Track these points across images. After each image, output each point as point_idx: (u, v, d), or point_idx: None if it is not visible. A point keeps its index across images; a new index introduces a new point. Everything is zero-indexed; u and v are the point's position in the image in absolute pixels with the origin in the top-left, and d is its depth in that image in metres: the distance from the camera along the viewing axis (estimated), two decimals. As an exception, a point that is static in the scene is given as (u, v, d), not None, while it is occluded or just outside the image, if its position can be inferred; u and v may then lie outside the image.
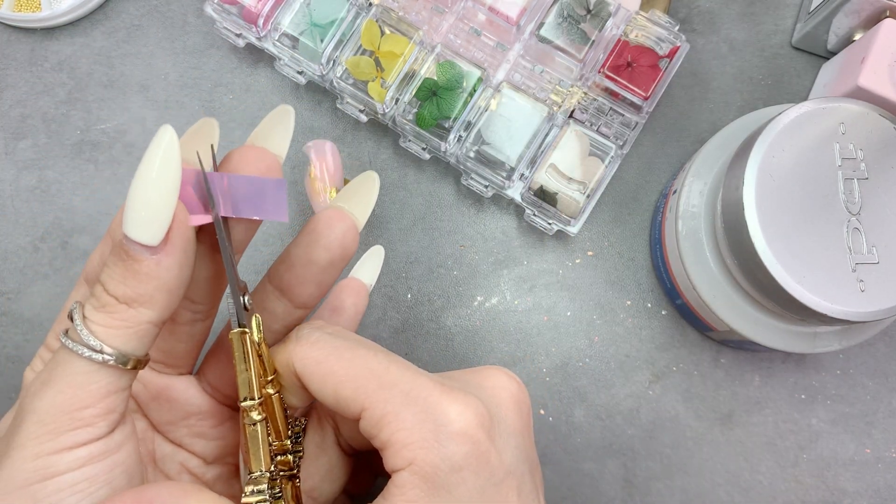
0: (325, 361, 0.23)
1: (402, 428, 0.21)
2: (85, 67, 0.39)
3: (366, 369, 0.22)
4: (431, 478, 0.21)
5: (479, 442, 0.21)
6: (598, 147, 0.36)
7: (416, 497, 0.21)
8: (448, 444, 0.21)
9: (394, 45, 0.36)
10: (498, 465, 0.22)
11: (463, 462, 0.21)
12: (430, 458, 0.21)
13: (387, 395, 0.22)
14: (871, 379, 0.37)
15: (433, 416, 0.21)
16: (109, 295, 0.21)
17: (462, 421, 0.21)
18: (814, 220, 0.28)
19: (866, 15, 0.34)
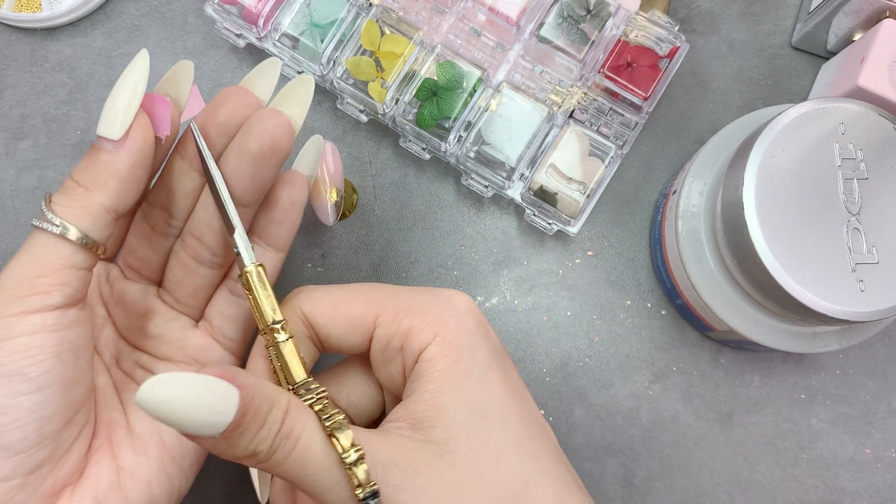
0: (330, 294, 0.26)
1: (419, 313, 0.25)
2: (85, 67, 0.39)
3: (367, 288, 0.26)
4: (455, 344, 0.24)
5: (480, 316, 0.26)
6: (598, 147, 0.36)
7: (447, 364, 0.24)
8: (460, 315, 0.25)
9: (394, 46, 0.36)
10: (495, 340, 0.26)
11: (475, 328, 0.25)
12: (450, 327, 0.25)
13: (395, 297, 0.26)
14: (870, 379, 0.37)
15: (441, 299, 0.25)
16: (72, 180, 0.25)
17: (463, 300, 0.26)
18: (813, 221, 0.28)
19: (866, 15, 0.34)
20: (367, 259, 0.38)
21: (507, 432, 0.24)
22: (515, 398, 0.25)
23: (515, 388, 0.25)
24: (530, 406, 0.26)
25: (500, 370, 0.25)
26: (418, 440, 0.23)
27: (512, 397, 0.25)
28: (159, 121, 0.26)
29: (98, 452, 0.26)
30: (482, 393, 0.24)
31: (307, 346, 0.27)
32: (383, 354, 0.25)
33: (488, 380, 0.24)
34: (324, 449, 0.22)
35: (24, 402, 0.23)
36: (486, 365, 0.24)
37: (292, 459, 0.22)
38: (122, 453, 0.26)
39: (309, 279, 0.37)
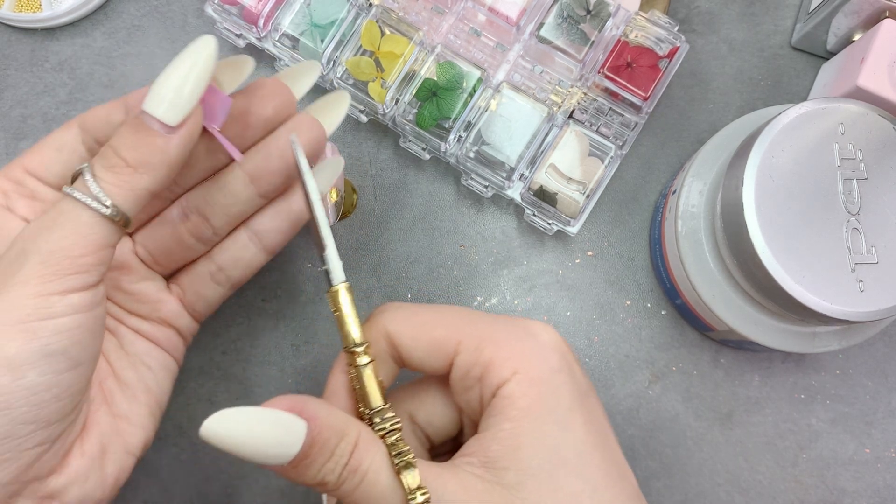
0: (416, 315, 0.26)
1: (502, 345, 0.24)
2: (85, 68, 0.39)
3: (452, 312, 0.26)
4: (537, 382, 0.23)
5: (566, 353, 0.25)
6: (598, 147, 0.36)
7: (526, 403, 0.23)
8: (544, 351, 0.24)
9: (394, 46, 0.36)
10: (581, 378, 0.25)
11: (559, 366, 0.24)
12: (533, 364, 0.24)
13: (479, 325, 0.25)
14: (870, 379, 0.37)
15: (525, 333, 0.24)
16: (119, 157, 0.24)
17: (549, 335, 0.25)
18: (813, 221, 0.28)
19: (866, 15, 0.34)
20: (367, 259, 0.38)
21: (584, 480, 0.23)
22: (597, 442, 0.24)
23: (598, 431, 0.24)
24: (612, 450, 0.24)
25: (583, 411, 0.24)
26: (489, 481, 0.23)
27: (593, 441, 0.23)
28: (216, 113, 0.26)
29: (95, 402, 0.27)
30: (561, 437, 0.23)
31: (388, 363, 0.26)
32: (463, 381, 0.25)
33: (569, 422, 0.23)
34: (391, 485, 0.23)
35: (64, 379, 0.23)
36: (567, 406, 0.23)
37: (360, 492, 0.23)
38: (116, 401, 0.27)
39: (309, 279, 0.37)
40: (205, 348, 0.37)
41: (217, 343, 0.37)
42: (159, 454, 0.36)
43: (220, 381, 0.37)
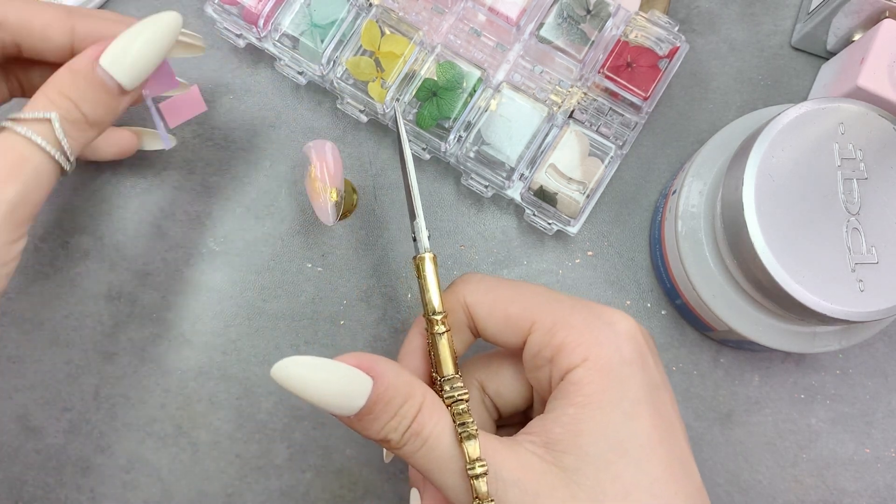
0: (495, 289, 0.26)
1: (575, 330, 0.24)
2: (85, 68, 0.39)
3: (531, 291, 0.26)
4: (606, 371, 0.23)
5: (640, 344, 0.24)
6: (598, 147, 0.36)
7: (592, 391, 0.23)
8: (618, 340, 0.24)
9: (394, 46, 0.36)
10: (654, 370, 0.24)
11: (631, 357, 0.23)
12: (604, 352, 0.23)
13: (555, 306, 0.25)
14: (870, 379, 0.37)
15: (601, 320, 0.24)
16: (81, 114, 0.25)
17: (626, 324, 0.24)
18: (813, 220, 0.28)
19: (866, 15, 0.34)
20: (367, 259, 0.38)
21: (643, 472, 0.23)
22: (663, 436, 0.23)
23: (665, 425, 0.24)
24: (678, 446, 0.24)
25: (651, 405, 0.23)
26: (548, 462, 0.23)
27: (659, 435, 0.23)
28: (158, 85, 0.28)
29: None
30: (624, 427, 0.23)
31: (465, 332, 0.27)
32: (534, 360, 0.25)
33: (635, 414, 0.23)
34: (452, 453, 0.23)
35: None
36: (635, 398, 0.23)
37: (421, 455, 0.23)
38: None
39: (308, 279, 0.37)
40: (205, 348, 0.37)
41: (217, 343, 0.37)
42: (159, 454, 0.36)
43: (220, 381, 0.37)
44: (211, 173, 0.38)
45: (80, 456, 0.36)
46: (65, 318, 0.37)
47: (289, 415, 0.37)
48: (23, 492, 0.36)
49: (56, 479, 0.36)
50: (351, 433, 0.37)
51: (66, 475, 0.36)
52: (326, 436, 0.37)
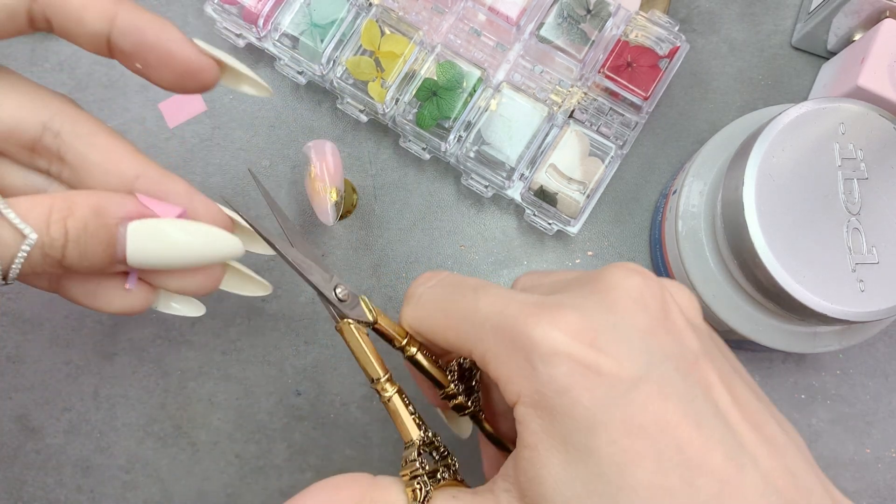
0: (429, 317, 0.24)
1: (501, 363, 0.21)
2: (85, 67, 0.39)
3: (459, 314, 0.22)
4: (541, 405, 0.20)
5: (580, 356, 0.19)
6: (598, 147, 0.36)
7: (538, 428, 0.20)
8: (543, 367, 0.19)
9: (394, 46, 0.36)
10: (618, 373, 0.19)
11: (567, 382, 0.19)
12: (532, 386, 0.20)
13: (480, 333, 0.21)
14: (870, 379, 0.37)
15: (522, 344, 0.20)
16: (63, 254, 0.22)
17: (550, 340, 0.20)
18: (814, 220, 0.28)
19: (866, 15, 0.34)
20: (367, 259, 0.38)
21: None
22: (633, 459, 0.18)
23: (632, 446, 0.19)
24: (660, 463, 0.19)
25: (609, 426, 0.19)
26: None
27: (629, 459, 0.18)
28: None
29: None
30: (584, 463, 0.19)
31: (435, 346, 0.25)
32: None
33: (590, 446, 0.19)
34: None
35: None
36: (587, 427, 0.19)
37: None
38: None
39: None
40: (204, 348, 0.37)
41: (217, 343, 0.37)
42: (159, 454, 0.36)
43: (220, 382, 0.37)
44: (211, 173, 0.38)
45: (79, 456, 0.36)
46: (65, 318, 0.37)
47: (289, 415, 0.37)
48: (22, 492, 0.36)
49: (56, 479, 0.36)
50: (351, 434, 0.37)
51: (65, 475, 0.36)
52: (326, 436, 0.37)
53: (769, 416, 0.20)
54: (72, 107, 0.25)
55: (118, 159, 0.24)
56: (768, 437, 0.19)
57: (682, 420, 0.18)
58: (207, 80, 0.25)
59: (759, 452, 0.19)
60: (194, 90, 0.25)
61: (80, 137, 0.24)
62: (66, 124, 0.24)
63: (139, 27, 0.24)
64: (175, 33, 0.24)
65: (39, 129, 0.24)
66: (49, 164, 0.25)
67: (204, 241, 0.24)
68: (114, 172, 0.24)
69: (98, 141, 0.24)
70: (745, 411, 0.20)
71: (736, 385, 0.20)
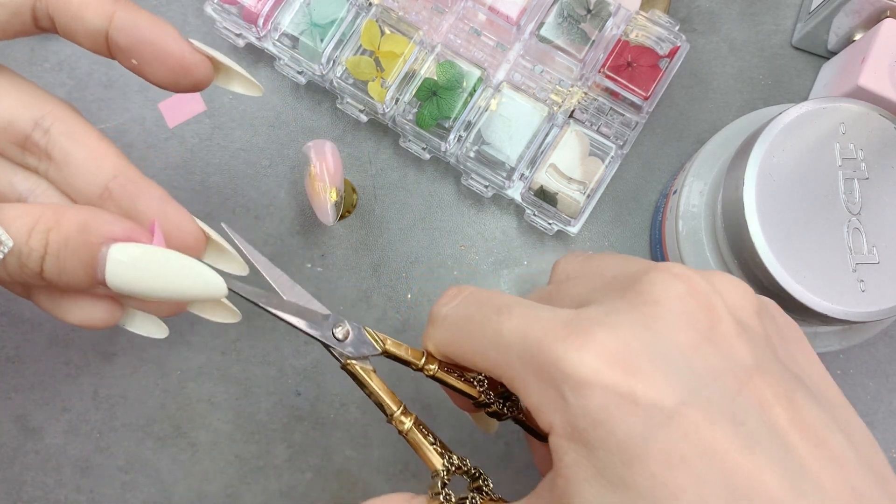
0: (454, 341, 0.23)
1: (531, 392, 0.19)
2: (84, 67, 0.39)
3: (484, 340, 0.21)
4: (576, 438, 0.18)
5: (614, 384, 0.18)
6: (599, 147, 0.36)
7: (572, 461, 0.18)
8: (574, 399, 0.18)
9: (394, 45, 0.36)
10: (656, 401, 0.18)
11: (601, 414, 0.18)
12: (564, 417, 0.18)
13: (507, 360, 0.20)
14: (871, 379, 0.37)
15: (551, 373, 0.19)
16: (41, 266, 0.22)
17: (581, 368, 0.18)
18: (814, 220, 0.28)
19: (866, 15, 0.34)
20: (367, 259, 0.38)
21: None
22: (674, 493, 0.17)
23: (674, 479, 0.17)
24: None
25: (648, 458, 0.17)
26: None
27: (669, 493, 0.17)
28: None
29: None
30: (620, 499, 0.18)
31: None
32: None
33: (627, 480, 0.18)
34: None
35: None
36: (624, 460, 0.18)
37: None
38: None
39: (308, 279, 0.37)
40: (204, 348, 0.37)
41: (216, 343, 0.37)
42: (159, 454, 0.36)
43: (220, 382, 0.37)
44: (211, 173, 0.38)
45: (79, 456, 0.36)
46: (64, 318, 0.37)
47: (288, 415, 0.37)
48: (22, 492, 0.36)
49: (55, 479, 0.36)
50: (351, 433, 0.37)
51: (65, 475, 0.36)
52: (326, 436, 0.36)
53: (834, 428, 0.18)
54: (66, 108, 0.25)
55: (101, 157, 0.25)
56: (834, 455, 0.18)
57: (730, 446, 0.17)
58: (201, 77, 0.25)
59: (822, 474, 0.17)
60: (188, 88, 0.25)
61: (67, 135, 0.25)
62: (57, 122, 0.25)
63: (136, 24, 0.24)
64: (170, 30, 0.24)
65: (31, 125, 0.24)
66: (38, 162, 0.25)
67: (187, 277, 0.23)
68: (93, 170, 0.25)
69: (84, 140, 0.25)
70: (806, 427, 0.18)
71: (796, 395, 0.18)
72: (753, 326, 0.20)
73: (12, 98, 0.24)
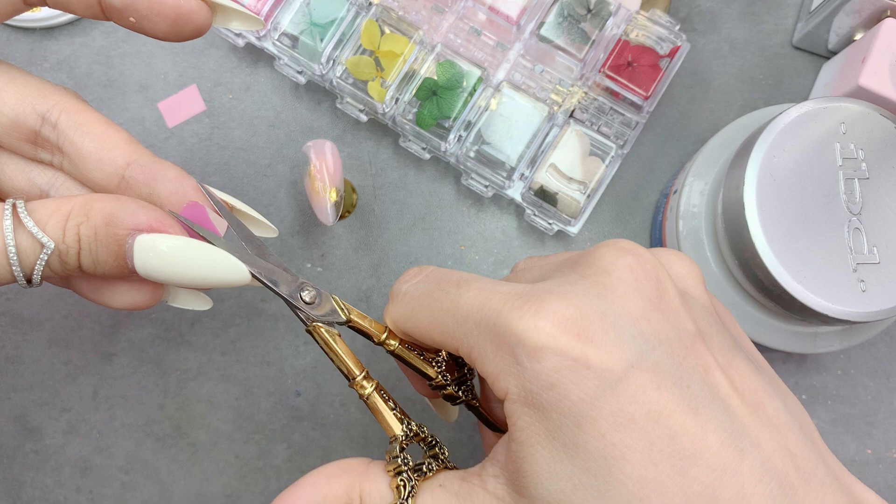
0: (413, 315, 0.23)
1: (488, 360, 0.20)
2: (84, 67, 0.39)
3: (442, 311, 0.22)
4: (530, 402, 0.19)
5: (567, 349, 0.19)
6: (599, 147, 0.36)
7: (526, 424, 0.19)
8: (529, 363, 0.19)
9: (394, 45, 0.36)
10: (606, 364, 0.18)
11: (553, 377, 0.18)
12: (519, 382, 0.19)
13: (464, 329, 0.21)
14: (871, 379, 0.37)
15: (507, 339, 0.19)
16: (79, 262, 0.22)
17: (535, 334, 0.19)
18: (815, 220, 0.28)
19: (867, 14, 0.34)
20: (367, 259, 0.38)
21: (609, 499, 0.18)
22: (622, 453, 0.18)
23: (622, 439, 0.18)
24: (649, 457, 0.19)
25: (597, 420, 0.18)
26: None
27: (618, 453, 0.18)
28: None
29: None
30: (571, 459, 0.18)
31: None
32: None
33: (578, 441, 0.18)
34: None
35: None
36: (575, 422, 0.18)
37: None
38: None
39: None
40: (204, 348, 0.37)
41: (216, 343, 0.37)
42: (159, 454, 0.36)
43: (220, 382, 0.37)
44: (210, 173, 0.38)
45: (78, 456, 0.36)
46: (64, 318, 0.37)
47: (288, 415, 0.37)
48: (21, 492, 0.36)
49: (55, 479, 0.36)
50: (351, 434, 0.36)
51: (64, 476, 0.36)
52: (326, 436, 0.36)
53: (772, 394, 0.19)
54: (70, 98, 0.25)
55: (111, 147, 0.25)
56: (770, 418, 0.19)
57: (675, 408, 0.18)
58: (201, 21, 0.25)
59: (760, 435, 0.18)
60: (190, 35, 0.25)
61: (75, 127, 0.24)
62: (64, 115, 0.24)
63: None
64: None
65: (38, 121, 0.24)
66: (52, 156, 0.25)
67: (211, 265, 0.23)
68: (106, 160, 0.25)
69: (92, 130, 0.25)
70: (745, 392, 0.19)
71: (736, 364, 0.20)
72: (698, 297, 0.21)
73: (13, 93, 0.24)
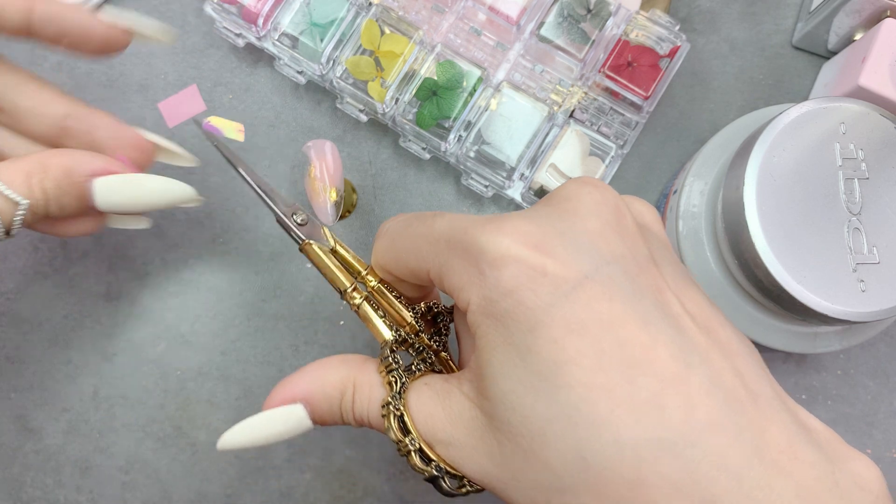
0: (392, 245, 0.25)
1: (454, 273, 0.21)
2: (84, 67, 0.39)
3: (418, 237, 0.23)
4: (489, 310, 0.20)
5: (525, 258, 0.20)
6: (599, 147, 0.36)
7: (486, 331, 0.20)
8: (490, 271, 0.20)
9: (394, 45, 0.36)
10: (562, 273, 0.19)
11: (511, 283, 0.20)
12: (480, 291, 0.20)
13: (436, 248, 0.22)
14: (871, 379, 0.37)
15: (472, 253, 0.21)
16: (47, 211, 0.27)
17: (496, 246, 0.20)
18: (814, 220, 0.28)
19: (867, 14, 0.34)
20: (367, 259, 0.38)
21: (558, 402, 0.19)
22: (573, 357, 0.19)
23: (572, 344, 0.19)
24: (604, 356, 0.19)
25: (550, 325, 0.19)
26: (477, 408, 0.21)
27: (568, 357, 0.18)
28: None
29: None
30: (524, 362, 0.19)
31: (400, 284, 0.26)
32: None
33: (530, 345, 0.19)
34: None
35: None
36: (529, 327, 0.19)
37: (376, 429, 0.24)
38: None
39: (308, 279, 0.37)
40: (204, 349, 0.37)
41: (216, 343, 0.37)
42: (159, 454, 0.36)
43: (220, 382, 0.37)
44: (210, 173, 0.38)
45: (78, 456, 0.36)
46: (64, 318, 0.37)
47: (288, 415, 0.37)
48: (21, 492, 0.36)
49: (55, 479, 0.36)
50: (351, 434, 0.36)
51: (64, 476, 0.36)
52: (326, 436, 0.36)
53: (724, 322, 0.20)
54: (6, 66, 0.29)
55: (47, 102, 0.29)
56: (720, 341, 0.20)
57: (627, 318, 0.19)
58: (122, 43, 0.29)
59: (710, 353, 0.19)
60: (114, 53, 0.29)
61: (9, 87, 0.28)
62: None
63: (58, 16, 0.28)
64: (87, 15, 0.28)
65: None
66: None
67: (159, 189, 0.28)
68: (44, 115, 0.28)
69: (26, 88, 0.29)
70: (697, 316, 0.20)
71: (689, 292, 0.21)
72: (656, 232, 0.22)
73: None
